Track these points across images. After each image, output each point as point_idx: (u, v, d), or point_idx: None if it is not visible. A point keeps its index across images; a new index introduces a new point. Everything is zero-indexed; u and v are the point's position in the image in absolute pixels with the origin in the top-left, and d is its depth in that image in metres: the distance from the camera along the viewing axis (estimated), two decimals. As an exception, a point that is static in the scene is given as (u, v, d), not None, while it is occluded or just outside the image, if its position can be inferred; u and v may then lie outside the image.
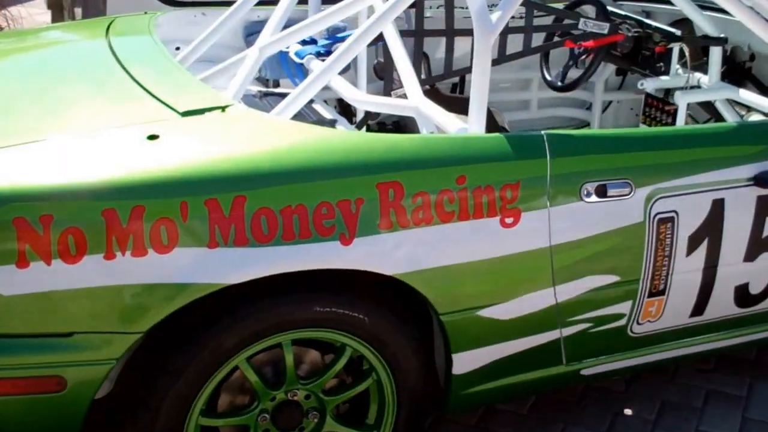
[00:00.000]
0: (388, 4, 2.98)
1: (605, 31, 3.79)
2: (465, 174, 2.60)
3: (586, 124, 4.63)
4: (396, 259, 2.51)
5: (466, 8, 3.30)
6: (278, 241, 2.37)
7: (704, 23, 3.83)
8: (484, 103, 2.71)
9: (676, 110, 3.75)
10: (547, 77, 4.14)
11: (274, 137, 2.53)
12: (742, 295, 3.06)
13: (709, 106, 3.95)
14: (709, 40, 3.83)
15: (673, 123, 3.76)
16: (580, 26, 3.75)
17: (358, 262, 2.47)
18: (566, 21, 3.82)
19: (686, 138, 2.89)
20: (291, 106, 2.80)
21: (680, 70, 3.95)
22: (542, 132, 2.75)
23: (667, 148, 2.85)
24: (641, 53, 3.99)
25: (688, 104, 3.80)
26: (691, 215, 2.87)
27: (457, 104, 3.77)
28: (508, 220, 2.65)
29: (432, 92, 3.74)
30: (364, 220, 2.46)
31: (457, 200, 2.58)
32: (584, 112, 4.66)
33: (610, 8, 3.98)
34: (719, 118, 3.98)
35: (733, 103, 3.87)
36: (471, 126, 2.73)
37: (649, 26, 3.88)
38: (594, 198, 2.74)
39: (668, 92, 4.02)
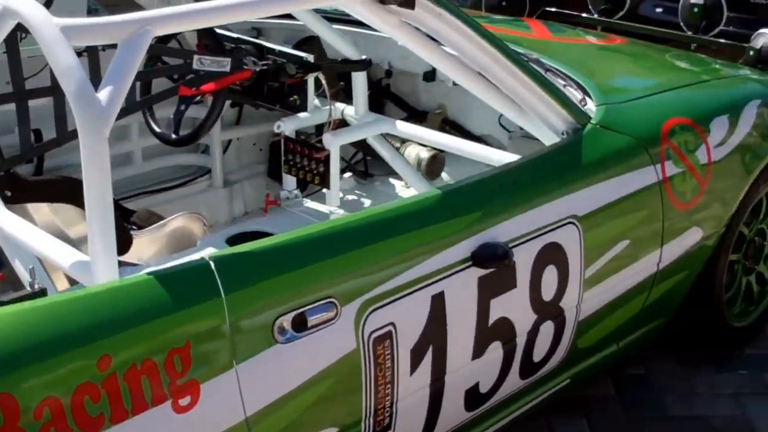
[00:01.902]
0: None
1: (227, 69, 2.98)
2: (109, 353, 1.70)
3: (207, 171, 3.80)
4: None
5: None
6: None
7: (342, 44, 3.15)
8: (111, 229, 1.81)
9: (328, 157, 3.04)
10: (156, 129, 3.25)
11: None
12: (473, 398, 2.44)
13: (359, 143, 3.30)
14: (351, 65, 3.16)
15: (326, 172, 3.05)
16: (195, 66, 2.89)
17: None
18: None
19: (386, 225, 2.19)
20: None
21: (317, 102, 3.25)
22: (206, 257, 1.91)
23: (367, 242, 2.13)
24: (266, 85, 3.24)
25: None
26: (411, 323, 2.18)
27: (50, 192, 2.80)
28: (183, 402, 1.80)
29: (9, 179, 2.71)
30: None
31: (105, 396, 1.68)
32: (201, 156, 3.81)
33: (223, 32, 3.17)
34: (373, 154, 3.35)
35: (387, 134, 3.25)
36: (96, 269, 1.82)
37: (281, 54, 3.13)
38: (292, 334, 1.96)
39: (320, 129, 3.32)
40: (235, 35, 3.26)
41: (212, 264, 1.89)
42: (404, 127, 3.12)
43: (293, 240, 2.04)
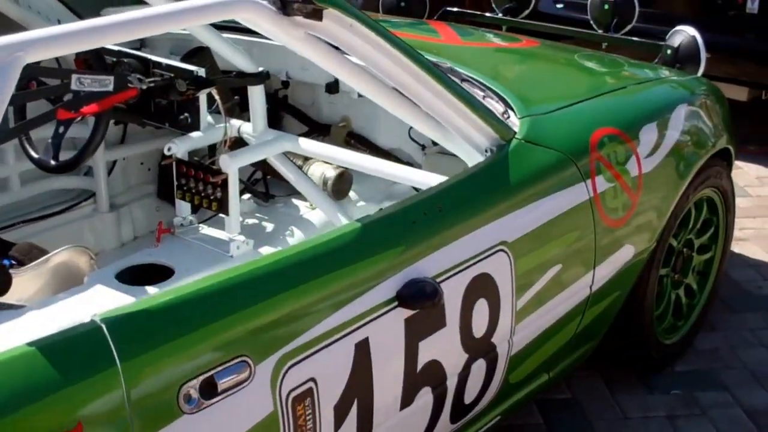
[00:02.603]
0: None
1: (110, 88, 2.66)
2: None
3: (91, 195, 3.46)
4: None
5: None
6: None
7: (236, 56, 2.86)
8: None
9: (225, 181, 2.75)
10: (34, 155, 2.90)
11: None
12: (402, 451, 2.19)
13: (258, 162, 3.01)
14: (247, 79, 2.87)
15: (225, 197, 2.76)
16: (74, 86, 2.57)
17: None
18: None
19: (300, 268, 1.92)
20: None
21: (211, 119, 2.95)
22: (96, 318, 1.61)
23: (278, 290, 1.86)
24: (154, 102, 2.93)
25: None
26: (333, 376, 1.92)
27: None
28: (72, 498, 1.50)
29: None
30: None
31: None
32: (84, 179, 3.46)
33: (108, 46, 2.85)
34: (273, 173, 3.06)
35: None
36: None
37: (169, 68, 2.82)
38: (201, 402, 1.68)
39: (213, 148, 3.02)
40: (116, 48, 2.94)
41: (104, 327, 1.60)
42: (308, 145, 2.84)
43: (196, 292, 1.76)
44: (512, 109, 2.63)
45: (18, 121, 2.88)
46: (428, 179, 2.49)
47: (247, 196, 3.19)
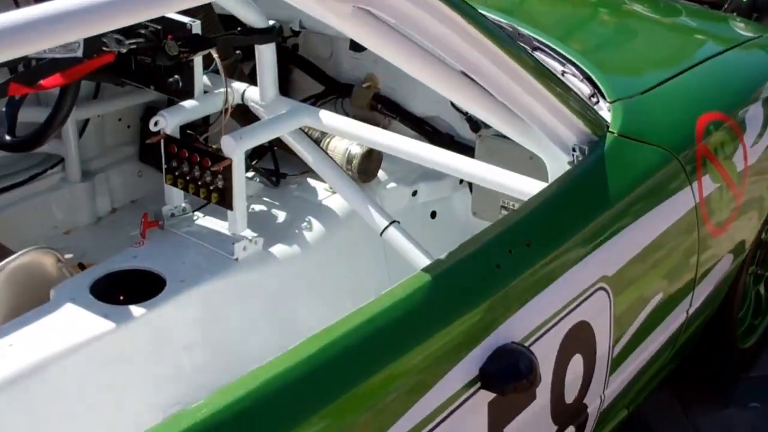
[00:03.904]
0: None
1: (79, 53, 2.06)
2: None
3: (60, 161, 2.86)
4: None
5: None
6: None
7: (241, 7, 2.26)
8: None
9: (229, 167, 2.19)
10: (-17, 129, 2.32)
11: None
12: None
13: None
14: (256, 37, 2.27)
15: (228, 187, 2.20)
16: (33, 54, 1.97)
17: None
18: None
19: (354, 357, 1.38)
20: None
21: (207, 80, 2.37)
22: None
23: (330, 391, 1.32)
24: (135, 59, 2.34)
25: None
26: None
27: None
28: None
29: None
30: None
31: None
32: (52, 142, 2.83)
33: None
34: (283, 146, 2.48)
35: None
36: None
37: (156, 21, 2.22)
38: None
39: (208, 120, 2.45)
40: None
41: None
42: (333, 120, 2.27)
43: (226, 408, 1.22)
44: (599, 90, 2.05)
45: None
46: (491, 174, 1.95)
47: (250, 173, 2.61)
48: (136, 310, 2.06)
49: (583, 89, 2.03)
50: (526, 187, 1.88)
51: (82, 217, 2.90)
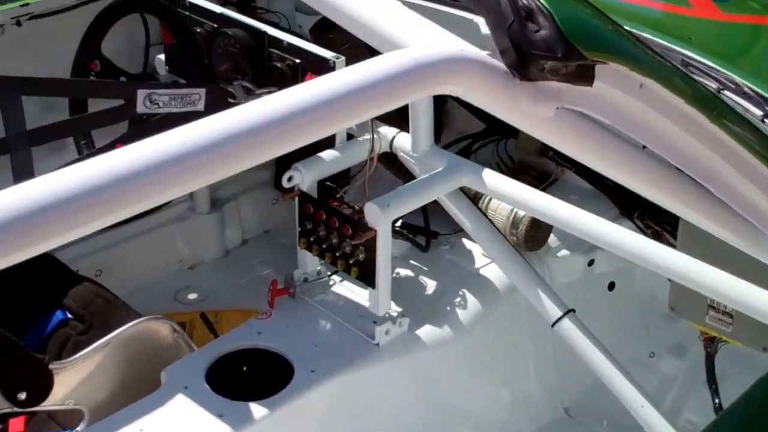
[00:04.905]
0: None
1: (200, 107, 1.75)
2: None
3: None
4: None
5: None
6: None
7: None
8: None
9: (373, 240, 1.83)
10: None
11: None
12: None
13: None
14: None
15: (372, 264, 1.84)
16: (140, 108, 1.66)
17: None
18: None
19: None
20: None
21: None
22: None
23: None
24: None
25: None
26: None
27: None
28: None
29: None
30: None
31: None
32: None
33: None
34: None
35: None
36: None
37: (292, 50, 1.89)
38: None
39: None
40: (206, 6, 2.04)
41: None
42: (499, 183, 1.88)
43: None
44: None
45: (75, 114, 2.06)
46: (697, 272, 1.56)
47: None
48: (256, 409, 1.75)
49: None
50: (742, 295, 1.49)
51: (210, 251, 2.67)
